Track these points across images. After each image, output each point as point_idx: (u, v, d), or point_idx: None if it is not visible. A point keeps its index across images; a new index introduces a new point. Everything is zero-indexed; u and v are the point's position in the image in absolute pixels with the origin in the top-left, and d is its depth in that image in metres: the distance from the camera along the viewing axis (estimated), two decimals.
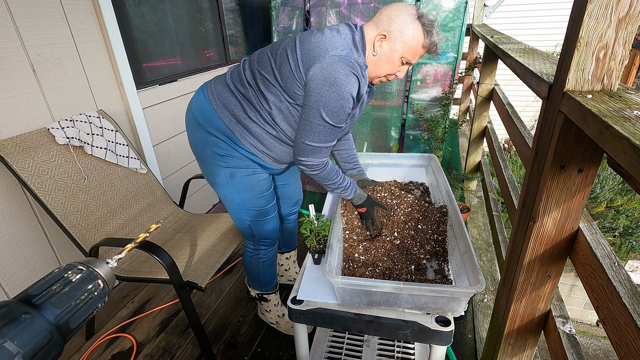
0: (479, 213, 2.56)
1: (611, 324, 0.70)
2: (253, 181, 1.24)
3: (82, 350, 1.60)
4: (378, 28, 1.06)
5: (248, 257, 1.46)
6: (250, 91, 1.12)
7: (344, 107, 1.03)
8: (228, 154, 1.18)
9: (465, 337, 1.60)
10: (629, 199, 4.21)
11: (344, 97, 1.01)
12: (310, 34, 1.07)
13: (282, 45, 1.08)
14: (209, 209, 2.79)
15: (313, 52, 1.01)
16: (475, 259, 0.87)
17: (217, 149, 1.18)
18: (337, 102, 1.01)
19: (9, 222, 1.48)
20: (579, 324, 4.59)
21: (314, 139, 1.08)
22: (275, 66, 1.07)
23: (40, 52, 1.51)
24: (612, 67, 0.70)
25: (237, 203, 1.28)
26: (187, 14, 2.38)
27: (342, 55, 1.00)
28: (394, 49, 1.06)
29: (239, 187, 1.24)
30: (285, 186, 1.53)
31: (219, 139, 1.17)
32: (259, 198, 1.28)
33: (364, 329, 0.93)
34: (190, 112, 1.22)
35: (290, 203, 1.61)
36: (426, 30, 1.03)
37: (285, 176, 1.50)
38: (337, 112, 1.03)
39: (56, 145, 1.50)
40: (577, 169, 0.79)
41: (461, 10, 2.65)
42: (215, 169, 1.23)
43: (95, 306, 0.48)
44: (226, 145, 1.17)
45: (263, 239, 1.39)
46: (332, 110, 1.02)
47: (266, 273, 1.49)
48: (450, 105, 2.92)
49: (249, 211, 1.30)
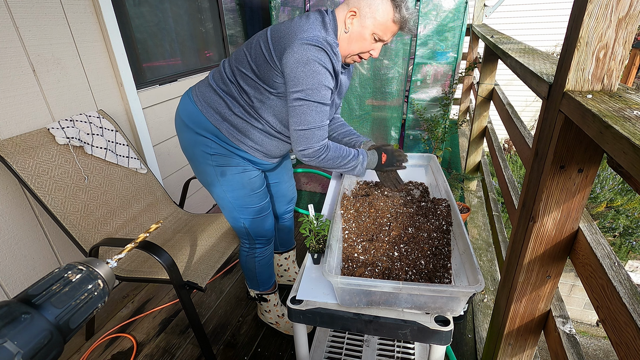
0: (479, 213, 2.56)
1: (611, 324, 0.70)
2: (244, 179, 1.26)
3: (82, 350, 1.60)
4: (348, 6, 1.08)
5: (244, 257, 1.47)
6: (232, 87, 1.15)
7: (322, 82, 1.04)
8: (217, 152, 1.21)
9: (465, 337, 1.60)
10: (629, 199, 4.21)
11: (319, 72, 1.02)
12: (281, 23, 1.10)
13: (256, 38, 1.12)
14: (209, 209, 2.79)
15: (284, 39, 1.03)
16: (474, 259, 0.87)
17: (206, 148, 1.20)
18: (314, 78, 1.02)
19: (9, 222, 1.48)
20: (579, 324, 4.59)
21: (304, 123, 1.08)
22: (251, 59, 1.10)
23: (40, 52, 1.51)
24: (612, 67, 0.70)
25: (230, 202, 1.29)
26: (187, 14, 2.38)
27: (311, 37, 1.01)
28: (365, 26, 1.07)
29: (230, 185, 1.25)
30: (278, 184, 1.53)
31: (208, 138, 1.19)
32: (251, 196, 1.30)
33: (364, 328, 0.93)
34: (178, 116, 1.26)
35: (285, 201, 1.61)
36: (395, 4, 1.04)
37: (278, 174, 1.51)
38: (317, 88, 1.04)
39: (56, 145, 1.50)
40: (577, 169, 0.79)
41: (461, 10, 2.65)
42: (206, 169, 1.24)
43: (95, 306, 0.48)
44: (214, 144, 1.20)
45: (258, 237, 1.40)
46: (311, 88, 1.03)
47: (263, 272, 1.49)
48: (450, 105, 2.93)
49: (243, 209, 1.31)
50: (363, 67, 2.97)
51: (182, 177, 2.42)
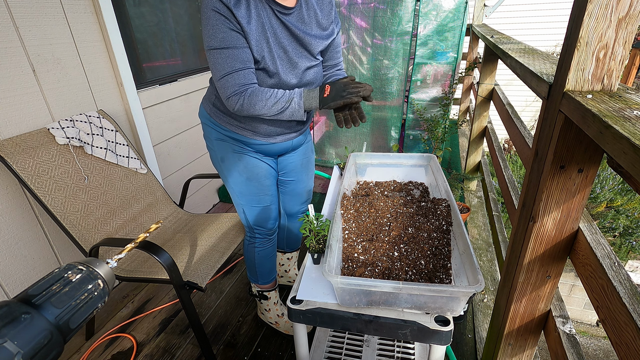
0: (479, 213, 2.56)
1: (611, 324, 0.70)
2: (240, 165, 1.29)
3: (82, 350, 1.60)
4: None
5: (246, 246, 1.50)
6: None
7: (216, 25, 1.01)
8: (218, 138, 1.28)
9: (465, 337, 1.60)
10: (629, 199, 4.21)
11: (211, 17, 1.01)
12: None
13: None
14: (209, 209, 2.79)
15: None
16: (474, 259, 0.87)
17: (209, 134, 1.30)
18: (208, 25, 1.02)
19: (9, 222, 1.48)
20: (579, 324, 4.59)
21: (216, 71, 1.06)
22: None
23: (40, 52, 1.51)
24: (612, 67, 0.70)
25: (231, 186, 1.36)
26: (187, 14, 2.38)
27: None
28: None
29: (229, 169, 1.31)
30: (295, 182, 1.53)
31: (207, 125, 1.29)
32: (248, 183, 1.32)
33: (364, 328, 0.93)
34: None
35: (300, 201, 1.61)
36: None
37: (298, 173, 1.50)
38: (213, 33, 1.02)
39: (56, 145, 1.50)
40: (577, 169, 0.79)
41: (461, 10, 2.65)
42: (212, 154, 1.34)
43: (95, 306, 0.48)
44: (211, 130, 1.28)
45: (256, 226, 1.43)
46: (209, 35, 1.02)
47: (262, 264, 1.50)
48: (450, 105, 2.92)
49: (242, 196, 1.36)
50: (363, 67, 2.97)
51: (182, 177, 2.42)
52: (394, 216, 1.22)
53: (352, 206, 1.27)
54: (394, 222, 1.19)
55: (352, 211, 1.25)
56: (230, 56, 1.04)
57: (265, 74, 1.13)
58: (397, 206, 1.27)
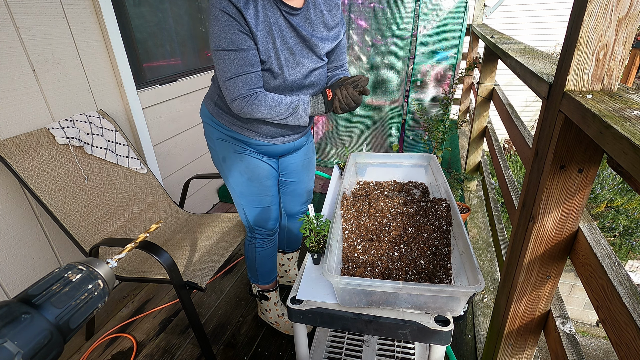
0: (479, 213, 2.56)
1: (611, 324, 0.70)
2: (242, 165, 1.29)
3: (82, 350, 1.60)
4: None
5: (247, 245, 1.51)
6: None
7: (224, 26, 1.00)
8: (218, 137, 1.28)
9: (465, 337, 1.60)
10: (629, 199, 4.21)
11: (219, 18, 1.00)
12: None
13: None
14: (209, 209, 2.79)
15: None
16: (474, 259, 0.87)
17: (211, 133, 1.29)
18: (216, 26, 1.01)
19: (9, 222, 1.48)
20: (579, 324, 4.59)
21: (222, 74, 1.06)
22: None
23: (40, 52, 1.51)
24: (612, 67, 0.70)
25: (232, 187, 1.35)
26: (187, 14, 2.38)
27: None
28: None
29: (231, 170, 1.31)
30: (296, 183, 1.53)
31: (209, 125, 1.28)
32: (249, 183, 1.32)
33: (364, 328, 0.93)
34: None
35: (300, 201, 1.61)
36: None
37: (299, 174, 1.51)
38: (221, 35, 1.01)
39: (56, 145, 1.50)
40: (577, 169, 0.79)
41: (461, 10, 2.65)
42: (213, 153, 1.34)
43: (95, 306, 0.48)
44: (213, 129, 1.27)
45: (257, 226, 1.43)
46: (216, 36, 1.02)
47: (263, 264, 1.50)
48: (450, 105, 2.93)
49: (243, 196, 1.36)
50: (363, 67, 2.97)
51: (182, 177, 2.42)
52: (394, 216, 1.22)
53: (352, 206, 1.27)
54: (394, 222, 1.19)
55: (352, 211, 1.25)
56: (238, 58, 1.04)
57: (270, 75, 1.12)
58: (397, 206, 1.27)
